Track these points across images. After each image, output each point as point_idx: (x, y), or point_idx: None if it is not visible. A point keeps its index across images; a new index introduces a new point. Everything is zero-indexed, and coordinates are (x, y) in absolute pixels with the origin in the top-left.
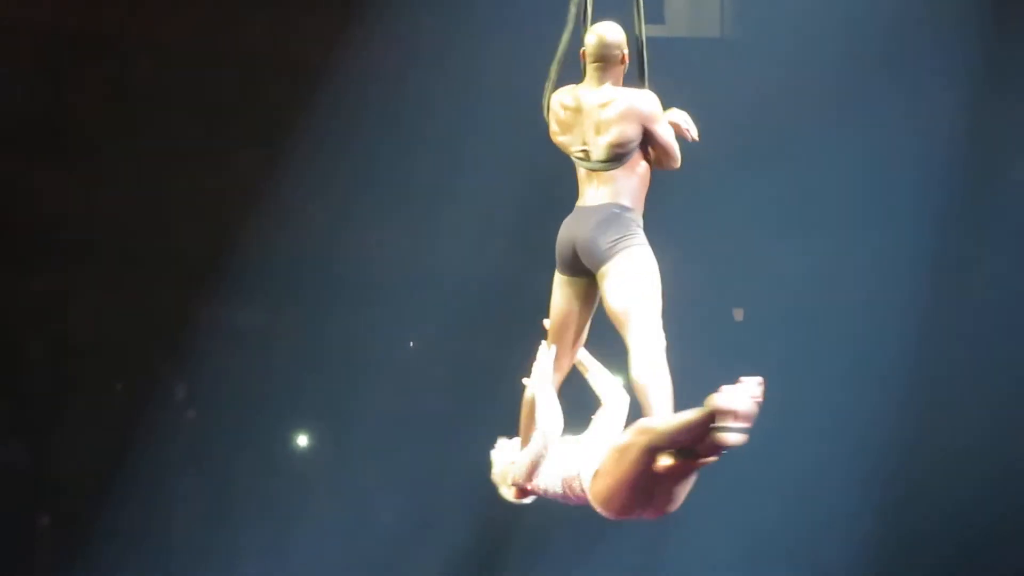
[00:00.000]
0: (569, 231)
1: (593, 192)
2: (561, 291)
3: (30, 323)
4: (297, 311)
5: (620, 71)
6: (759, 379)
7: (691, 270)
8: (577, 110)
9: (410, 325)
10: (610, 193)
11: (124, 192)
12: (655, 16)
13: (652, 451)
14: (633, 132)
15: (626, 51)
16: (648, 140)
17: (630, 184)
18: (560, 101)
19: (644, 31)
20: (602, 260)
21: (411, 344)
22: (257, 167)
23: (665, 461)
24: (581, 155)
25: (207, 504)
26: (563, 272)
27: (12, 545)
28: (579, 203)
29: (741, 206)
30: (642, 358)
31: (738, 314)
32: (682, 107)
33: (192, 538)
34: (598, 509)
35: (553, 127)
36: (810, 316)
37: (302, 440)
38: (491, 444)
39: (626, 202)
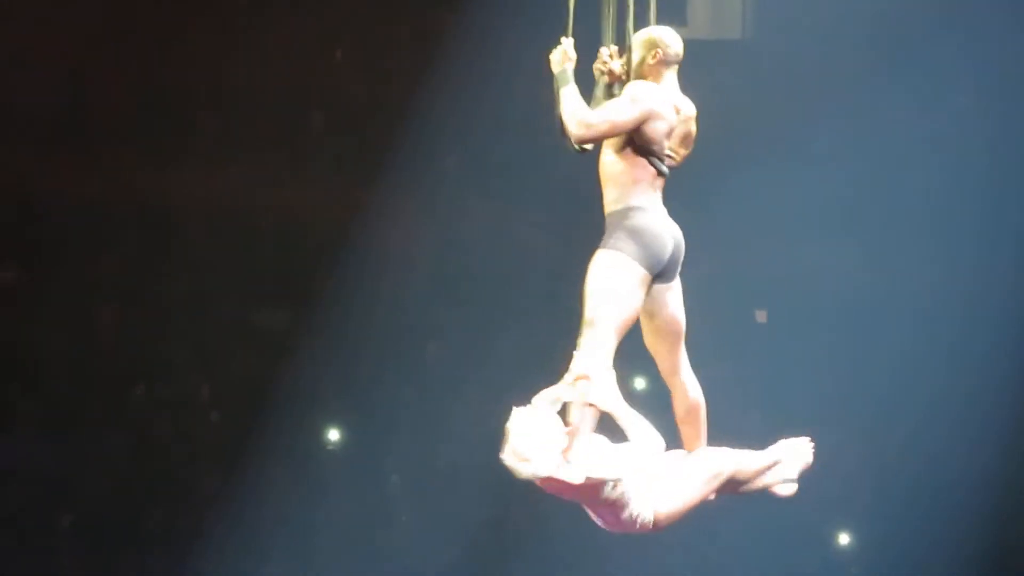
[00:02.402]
0: (671, 234)
1: (659, 197)
2: (641, 290)
3: (53, 322)
4: (318, 308)
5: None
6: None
7: (713, 271)
8: (684, 116)
9: (434, 321)
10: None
11: (142, 188)
12: (677, 18)
13: (733, 484)
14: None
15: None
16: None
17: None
18: (668, 102)
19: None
20: (677, 273)
21: (429, 346)
22: (279, 164)
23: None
24: (672, 162)
25: (229, 503)
26: (651, 271)
27: (34, 545)
28: (651, 204)
29: (762, 207)
30: (694, 379)
31: (761, 316)
32: (702, 108)
33: (213, 536)
34: (647, 528)
35: (658, 127)
36: (834, 317)
37: (323, 437)
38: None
39: None
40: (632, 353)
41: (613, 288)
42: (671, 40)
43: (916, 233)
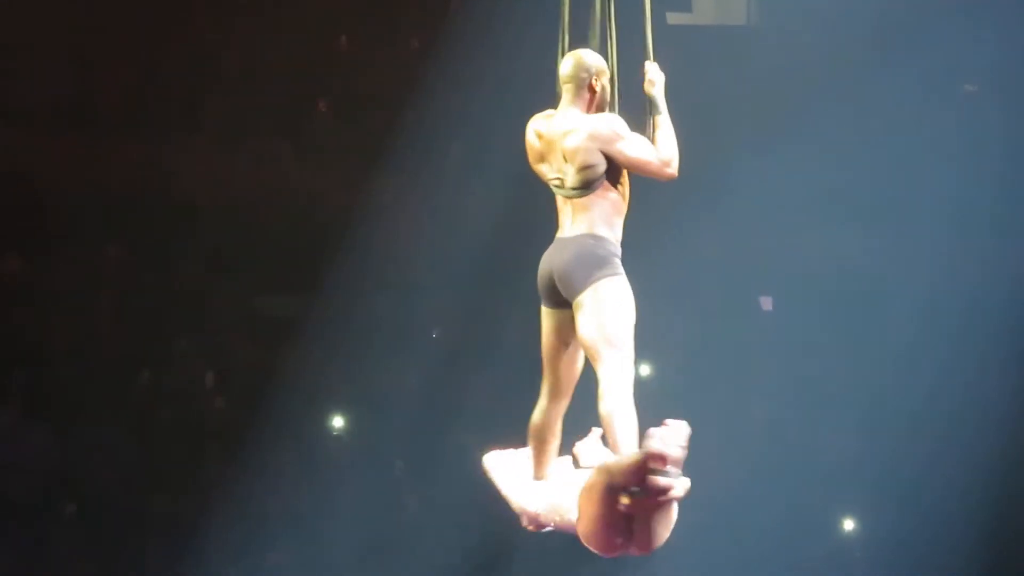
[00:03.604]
0: (548, 262)
1: (569, 221)
2: (546, 323)
3: (55, 309)
4: (324, 296)
5: (589, 98)
6: (685, 423)
7: (718, 258)
8: (548, 138)
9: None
10: (585, 221)
11: (147, 175)
12: (682, 4)
13: (612, 490)
14: (596, 158)
15: (596, 79)
16: (617, 163)
17: (603, 211)
18: (534, 129)
19: (615, 55)
20: (577, 291)
21: (434, 335)
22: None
23: (624, 500)
24: (557, 183)
25: (234, 491)
26: (545, 304)
27: (38, 536)
28: (558, 233)
29: (766, 194)
30: (609, 393)
31: (766, 303)
32: (708, 94)
33: (218, 523)
34: (586, 545)
35: (529, 155)
36: (839, 305)
37: (329, 425)
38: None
39: (601, 231)
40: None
41: None
42: (562, 62)
43: (923, 222)
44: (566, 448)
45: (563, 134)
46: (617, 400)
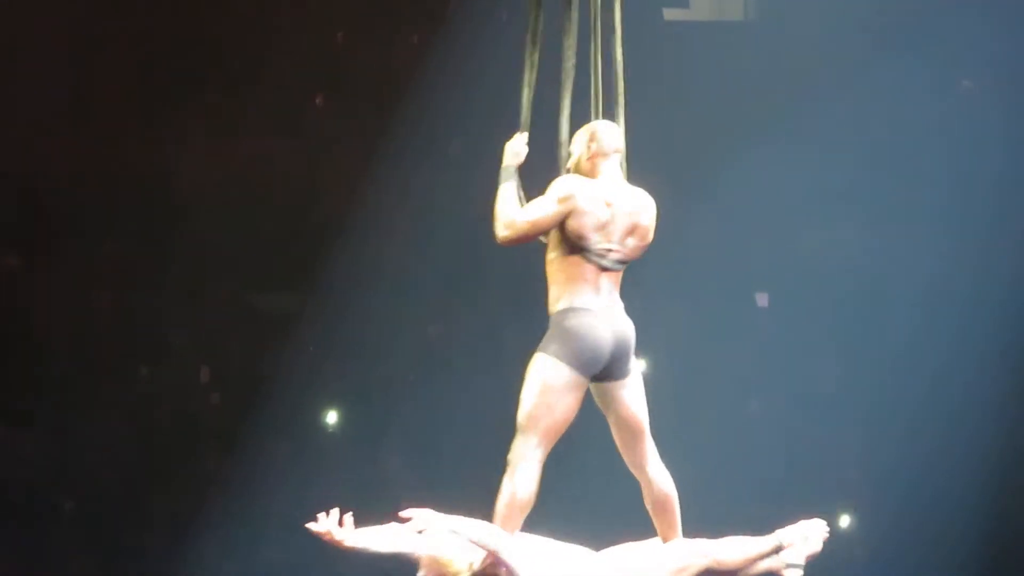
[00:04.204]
0: (608, 332)
1: (604, 291)
2: (573, 394)
3: (53, 305)
4: (319, 290)
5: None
6: (823, 523)
7: (715, 255)
8: (620, 210)
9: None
10: (615, 294)
11: (143, 168)
12: (679, 1)
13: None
14: (649, 237)
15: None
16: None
17: (619, 284)
18: (596, 197)
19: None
20: (630, 369)
21: (430, 330)
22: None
23: None
24: (602, 253)
25: (230, 485)
26: (582, 373)
27: (36, 533)
28: (587, 303)
29: (765, 190)
30: (664, 474)
31: (762, 299)
32: (705, 90)
33: (214, 518)
34: None
35: (585, 221)
36: (836, 302)
37: (324, 420)
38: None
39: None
40: None
41: (543, 393)
42: (606, 133)
43: (921, 217)
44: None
45: (639, 209)
46: (668, 477)
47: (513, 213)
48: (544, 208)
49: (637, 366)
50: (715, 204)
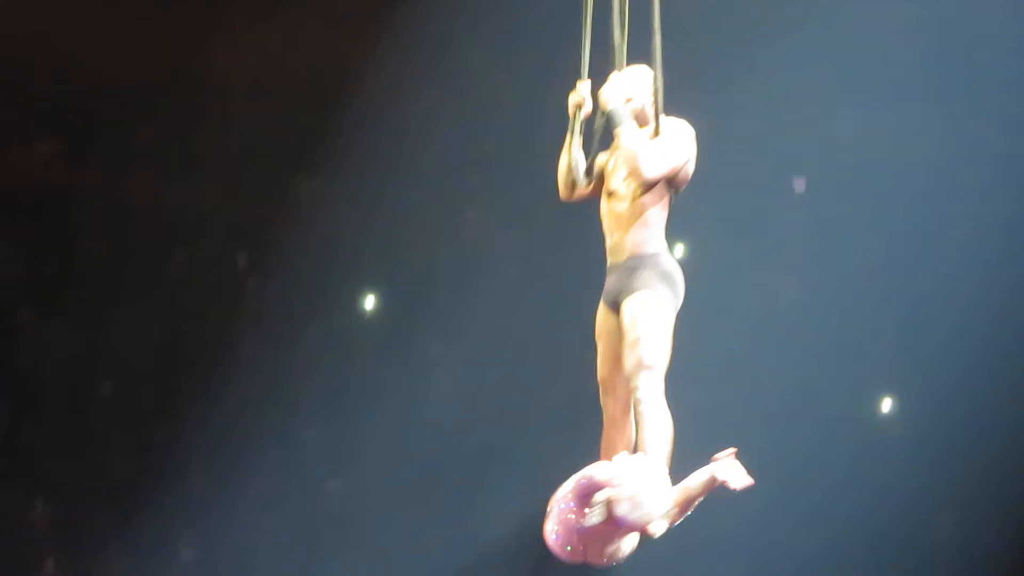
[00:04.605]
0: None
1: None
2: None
3: (89, 190)
4: (355, 175)
5: None
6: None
7: (750, 138)
8: None
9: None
10: None
11: (180, 56)
12: None
13: None
14: None
15: None
16: None
17: None
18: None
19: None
20: None
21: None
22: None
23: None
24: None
25: (268, 372)
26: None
27: (75, 415)
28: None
29: (800, 70)
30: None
31: (799, 184)
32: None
33: (252, 406)
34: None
35: (691, 164)
36: (866, 184)
37: (361, 305)
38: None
39: None
40: None
41: (663, 329)
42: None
43: (962, 100)
44: None
45: None
46: None
47: (668, 152)
48: (684, 148)
49: None
50: (752, 89)
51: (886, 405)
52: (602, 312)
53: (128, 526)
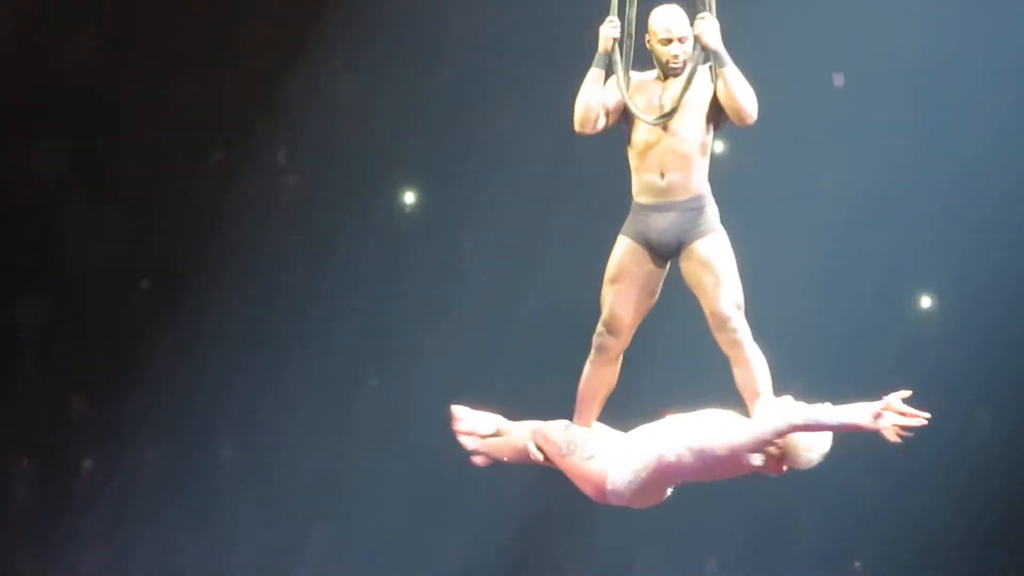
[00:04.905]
0: None
1: None
2: None
3: (133, 90)
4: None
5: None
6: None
7: (787, 34)
8: None
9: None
10: None
11: None
12: None
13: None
14: None
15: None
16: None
17: None
18: None
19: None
20: None
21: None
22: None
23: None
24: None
25: (305, 263)
26: None
27: (114, 308)
28: None
29: None
30: None
31: (838, 78)
32: None
33: (288, 296)
34: None
35: None
36: (907, 80)
37: (400, 199)
38: None
39: None
40: None
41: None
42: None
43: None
44: None
45: None
46: None
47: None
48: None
49: None
50: None
51: (924, 301)
52: (634, 251)
53: (167, 424)
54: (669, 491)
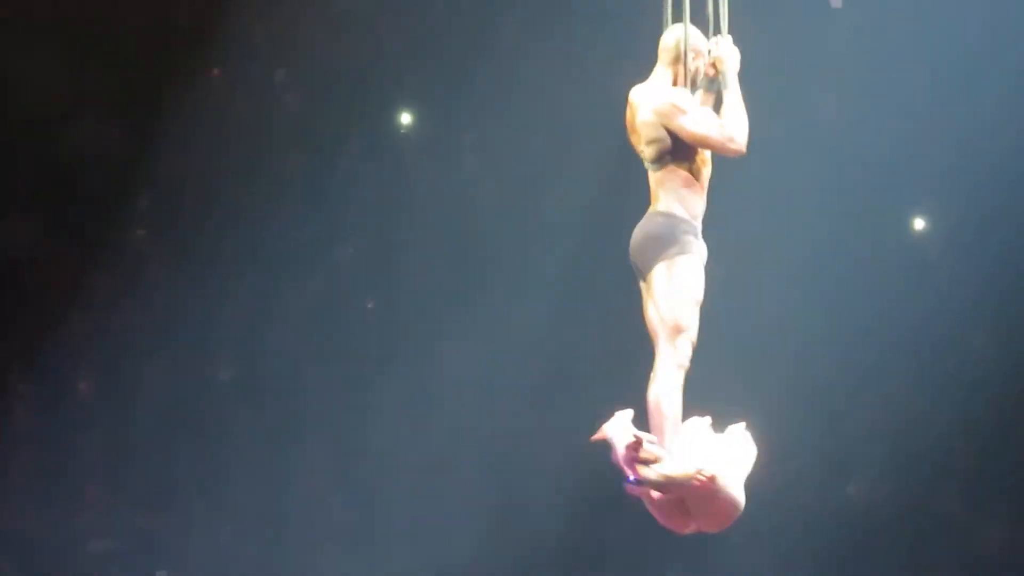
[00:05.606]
0: (636, 234)
1: (652, 196)
2: (643, 296)
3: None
4: None
5: (677, 74)
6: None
7: None
8: (632, 108)
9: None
10: (656, 197)
11: None
12: None
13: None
14: (659, 133)
15: (694, 58)
16: (680, 138)
17: (674, 187)
18: (630, 97)
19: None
20: (646, 270)
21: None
22: None
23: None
24: (640, 154)
25: (306, 183)
26: (639, 277)
27: (114, 223)
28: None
29: None
30: (659, 378)
31: (836, 1)
32: None
33: (293, 216)
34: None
35: (627, 125)
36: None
37: (399, 120)
38: None
39: (669, 206)
40: None
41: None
42: (664, 36)
43: None
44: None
45: (638, 106)
46: (665, 387)
47: None
48: None
49: (661, 268)
50: None
51: (919, 224)
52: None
53: (165, 345)
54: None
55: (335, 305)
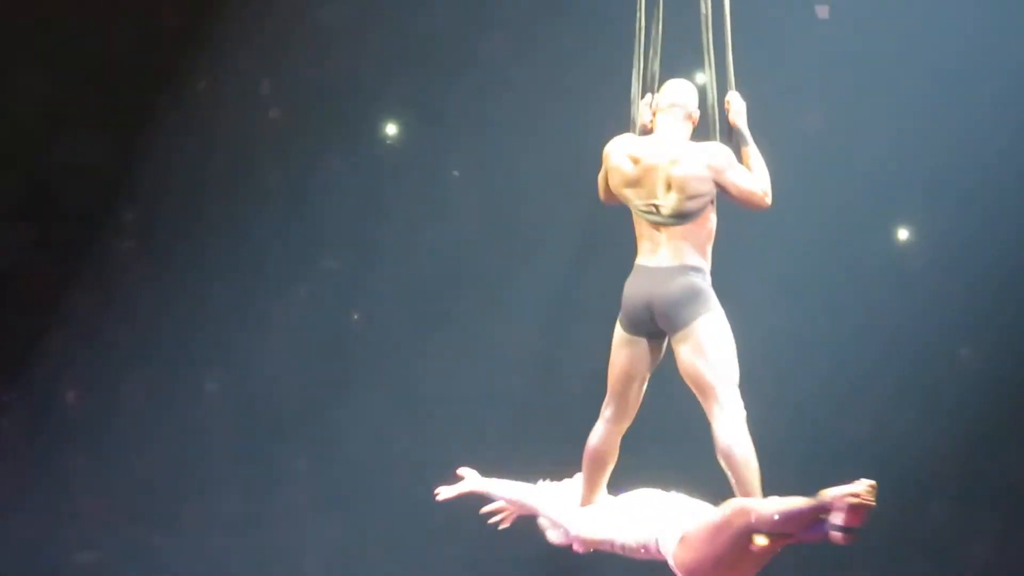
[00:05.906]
0: (643, 291)
1: (662, 249)
2: (625, 350)
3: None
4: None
5: (688, 128)
6: (871, 483)
7: None
8: (648, 164)
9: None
10: (679, 251)
11: None
12: None
13: (748, 531)
14: (707, 187)
15: (695, 111)
16: (727, 192)
17: (699, 240)
18: (627, 153)
19: (714, 82)
20: (680, 325)
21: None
22: None
23: (761, 541)
24: (649, 210)
25: (289, 195)
26: (629, 332)
27: (96, 242)
28: (644, 260)
29: None
30: (728, 429)
31: (822, 11)
32: None
33: (275, 227)
34: (680, 574)
35: (615, 179)
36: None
37: (383, 132)
38: None
39: (697, 261)
40: None
41: (612, 349)
42: (665, 89)
43: None
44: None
45: (671, 161)
46: (737, 435)
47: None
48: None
49: (705, 324)
50: None
51: (904, 234)
52: None
53: (150, 356)
54: None
55: (320, 317)
